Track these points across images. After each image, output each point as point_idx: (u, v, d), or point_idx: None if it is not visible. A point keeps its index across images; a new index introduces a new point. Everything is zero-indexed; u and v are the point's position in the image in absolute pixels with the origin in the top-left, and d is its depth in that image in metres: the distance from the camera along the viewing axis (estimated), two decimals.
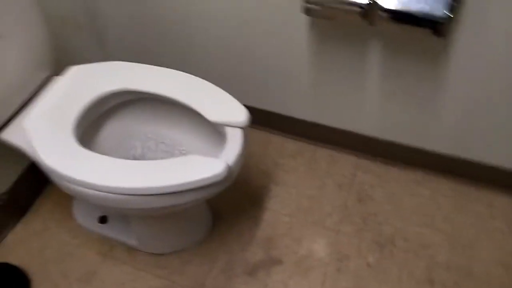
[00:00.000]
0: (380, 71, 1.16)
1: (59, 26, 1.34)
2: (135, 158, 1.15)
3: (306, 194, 1.34)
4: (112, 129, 1.15)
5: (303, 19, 1.11)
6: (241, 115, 0.98)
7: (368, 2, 0.93)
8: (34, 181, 1.31)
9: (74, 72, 1.11)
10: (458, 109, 1.17)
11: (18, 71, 1.02)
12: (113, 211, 1.23)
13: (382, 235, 1.24)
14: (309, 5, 0.98)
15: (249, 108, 1.44)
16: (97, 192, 0.89)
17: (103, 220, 1.25)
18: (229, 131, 0.97)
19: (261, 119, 1.46)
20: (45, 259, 1.22)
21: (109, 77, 1.09)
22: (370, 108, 1.27)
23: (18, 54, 1.01)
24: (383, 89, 1.21)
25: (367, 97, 1.25)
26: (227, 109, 1.01)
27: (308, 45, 1.18)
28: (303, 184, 1.37)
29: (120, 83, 1.08)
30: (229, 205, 1.31)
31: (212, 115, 0.99)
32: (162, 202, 0.90)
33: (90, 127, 1.08)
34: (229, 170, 0.89)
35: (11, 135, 1.02)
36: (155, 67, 1.10)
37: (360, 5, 0.94)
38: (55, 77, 1.11)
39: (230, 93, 1.38)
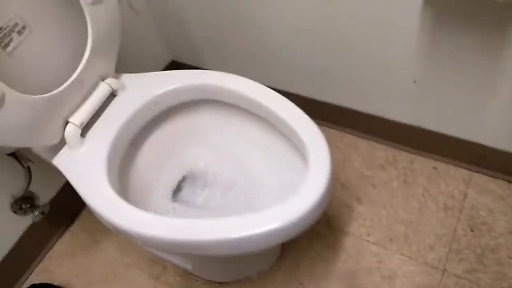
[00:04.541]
0: None
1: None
2: (193, 173, 0.96)
3: (401, 218, 1.06)
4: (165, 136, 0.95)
5: None
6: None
7: None
8: None
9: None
10: None
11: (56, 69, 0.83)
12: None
13: (505, 280, 0.94)
14: None
15: (330, 105, 1.21)
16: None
17: None
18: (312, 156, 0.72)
19: (346, 119, 1.18)
20: (91, 278, 1.08)
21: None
22: (496, 114, 0.95)
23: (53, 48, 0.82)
24: None
25: (493, 101, 0.92)
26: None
27: (417, 29, 0.87)
28: (396, 203, 1.08)
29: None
30: None
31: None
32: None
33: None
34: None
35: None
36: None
37: None
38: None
39: (311, 86, 1.14)
